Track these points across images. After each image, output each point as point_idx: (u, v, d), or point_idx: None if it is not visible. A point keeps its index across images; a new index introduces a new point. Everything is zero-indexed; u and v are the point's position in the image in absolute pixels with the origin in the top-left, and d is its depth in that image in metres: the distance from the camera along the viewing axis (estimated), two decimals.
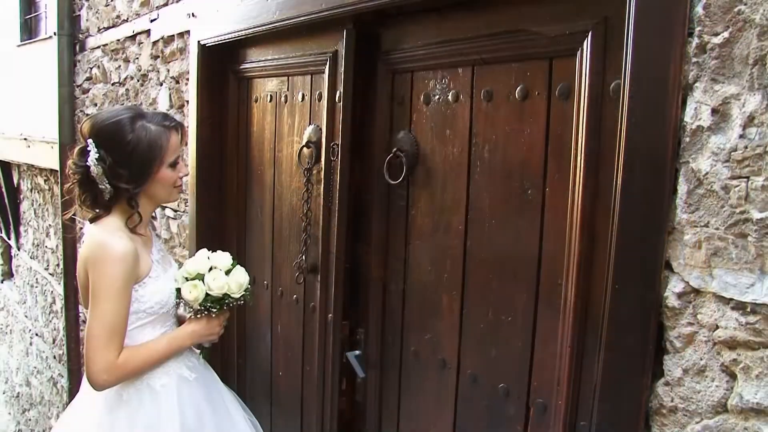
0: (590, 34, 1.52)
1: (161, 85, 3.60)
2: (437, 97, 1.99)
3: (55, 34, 5.04)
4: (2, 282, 8.51)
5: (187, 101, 3.25)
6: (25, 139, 6.13)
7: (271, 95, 2.77)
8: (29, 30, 6.50)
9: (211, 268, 2.16)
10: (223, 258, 2.22)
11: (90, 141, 1.97)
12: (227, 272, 2.18)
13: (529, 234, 1.74)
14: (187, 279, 2.14)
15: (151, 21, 3.62)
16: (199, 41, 3.03)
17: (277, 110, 2.74)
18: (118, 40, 4.18)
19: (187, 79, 3.23)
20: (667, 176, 1.28)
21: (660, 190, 1.29)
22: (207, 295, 2.13)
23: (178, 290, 2.14)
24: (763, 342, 1.15)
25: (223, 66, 3.04)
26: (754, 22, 1.12)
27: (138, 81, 3.92)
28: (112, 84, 4.37)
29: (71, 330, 5.30)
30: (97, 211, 2.04)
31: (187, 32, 3.19)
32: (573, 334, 1.60)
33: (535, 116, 1.70)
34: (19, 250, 7.50)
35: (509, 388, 1.83)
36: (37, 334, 6.85)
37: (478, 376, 1.93)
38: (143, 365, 2.04)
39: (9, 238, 7.80)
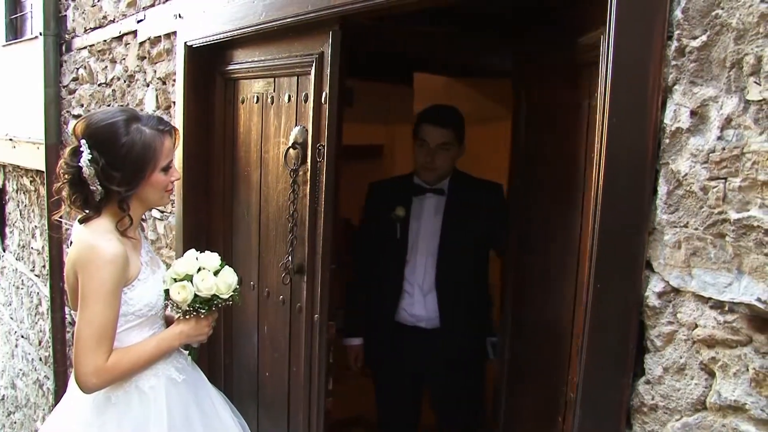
0: (601, 39, 1.54)
1: (148, 86, 3.59)
2: None
3: (41, 34, 5.00)
4: None
5: (174, 102, 3.25)
6: (10, 139, 6.08)
7: (257, 96, 2.78)
8: (15, 30, 6.44)
9: (199, 269, 2.15)
10: (212, 258, 2.20)
11: (83, 141, 1.95)
12: (215, 273, 2.16)
13: (574, 235, 1.84)
14: (175, 280, 2.13)
15: (138, 22, 3.61)
16: (185, 42, 3.03)
17: (263, 111, 2.75)
18: (105, 40, 4.16)
19: (174, 80, 3.22)
20: (648, 177, 1.30)
21: (640, 191, 1.31)
22: (195, 296, 2.11)
23: (167, 291, 2.12)
24: (740, 340, 1.17)
25: (209, 67, 3.04)
26: (731, 26, 1.14)
27: (125, 82, 3.91)
28: (99, 85, 4.35)
29: (57, 332, 5.26)
30: (87, 212, 2.01)
31: (174, 33, 3.18)
32: (583, 330, 1.62)
33: (580, 123, 1.80)
34: (4, 251, 7.44)
35: (557, 381, 1.92)
36: (22, 336, 6.80)
37: (547, 371, 2.05)
38: (132, 367, 2.03)
39: None
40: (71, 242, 2.06)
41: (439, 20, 3.53)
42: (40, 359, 6.16)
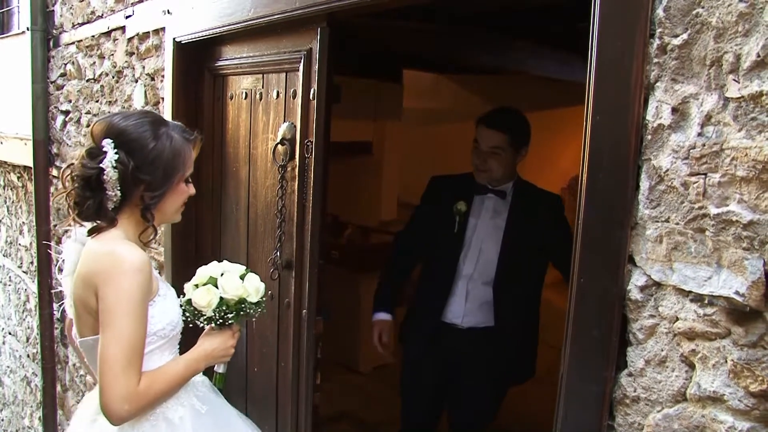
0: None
1: (136, 81, 3.59)
2: None
3: (28, 29, 4.97)
4: None
5: (163, 98, 3.24)
6: None
7: (246, 92, 2.78)
8: (1, 25, 6.40)
9: (222, 273, 1.96)
10: (236, 266, 2.03)
11: (107, 141, 1.74)
12: (241, 277, 1.97)
13: None
14: (197, 286, 1.93)
15: (126, 17, 3.60)
16: (174, 38, 3.03)
17: (252, 108, 2.75)
18: (93, 36, 4.15)
19: (163, 76, 3.22)
20: (630, 173, 1.32)
21: (623, 187, 1.33)
22: (221, 299, 1.90)
23: (188, 301, 1.92)
24: (719, 333, 1.19)
25: (198, 63, 3.04)
26: (711, 25, 1.16)
27: (113, 78, 3.89)
28: (87, 80, 4.33)
29: (45, 328, 5.23)
30: (98, 222, 1.80)
31: (162, 29, 3.18)
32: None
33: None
34: None
35: None
36: (10, 333, 6.77)
37: None
38: (165, 392, 1.79)
39: None
40: (60, 269, 1.82)
41: (428, 17, 3.54)
42: (28, 356, 6.13)
